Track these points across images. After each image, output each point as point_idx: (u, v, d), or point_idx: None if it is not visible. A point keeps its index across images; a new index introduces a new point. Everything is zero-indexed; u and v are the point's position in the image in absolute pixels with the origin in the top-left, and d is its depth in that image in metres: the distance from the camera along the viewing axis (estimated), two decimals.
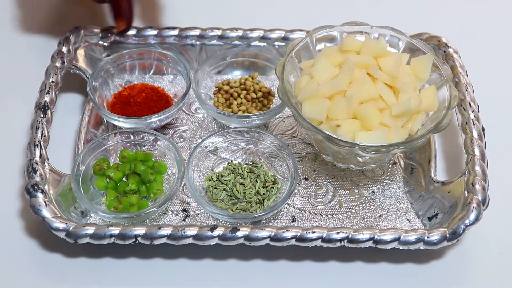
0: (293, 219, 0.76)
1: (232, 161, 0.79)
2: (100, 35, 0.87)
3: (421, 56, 0.76)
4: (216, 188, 0.76)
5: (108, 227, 0.70)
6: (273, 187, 0.76)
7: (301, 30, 0.87)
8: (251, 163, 0.78)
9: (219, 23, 0.89)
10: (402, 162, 0.81)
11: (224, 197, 0.75)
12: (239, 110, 0.81)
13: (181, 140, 0.82)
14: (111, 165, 0.77)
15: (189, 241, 0.70)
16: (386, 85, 0.73)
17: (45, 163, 0.75)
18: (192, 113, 0.85)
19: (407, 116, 0.73)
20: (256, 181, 0.76)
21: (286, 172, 0.77)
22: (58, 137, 0.81)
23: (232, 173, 0.77)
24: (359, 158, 0.74)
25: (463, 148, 0.77)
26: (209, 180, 0.77)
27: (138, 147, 0.79)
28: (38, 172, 0.73)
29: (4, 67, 0.90)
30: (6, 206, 0.77)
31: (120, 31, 0.86)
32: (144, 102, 0.82)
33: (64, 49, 0.84)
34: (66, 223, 0.70)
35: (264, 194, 0.75)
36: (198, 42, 0.87)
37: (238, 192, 0.75)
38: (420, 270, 0.73)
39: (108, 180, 0.76)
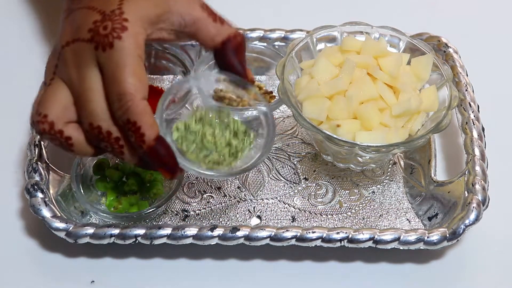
0: (293, 219, 0.76)
1: (197, 107, 0.72)
2: None
3: (422, 56, 0.76)
4: (185, 140, 0.69)
5: (108, 227, 0.70)
6: (244, 139, 0.70)
7: (301, 30, 0.87)
8: (218, 107, 0.72)
9: None
10: (402, 162, 0.81)
11: (195, 149, 0.69)
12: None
13: None
14: (111, 165, 0.77)
15: (189, 241, 0.70)
16: (386, 85, 0.73)
17: (45, 163, 0.75)
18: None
19: (407, 116, 0.73)
20: (227, 130, 0.70)
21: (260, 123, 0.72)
22: None
23: (200, 121, 0.70)
24: (359, 158, 0.74)
25: (463, 148, 0.77)
26: (177, 130, 0.70)
27: None
28: (38, 172, 0.73)
29: (4, 67, 0.90)
30: (6, 206, 0.77)
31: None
32: None
33: None
34: (66, 223, 0.70)
35: (236, 146, 0.70)
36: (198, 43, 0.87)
37: (208, 143, 0.69)
38: (420, 270, 0.73)
39: (108, 180, 0.76)
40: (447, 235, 0.70)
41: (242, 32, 0.69)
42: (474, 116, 0.78)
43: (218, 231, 0.70)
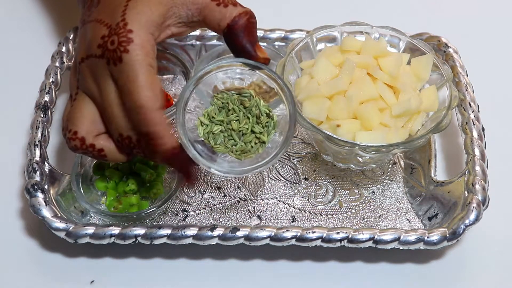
0: (293, 219, 0.76)
1: (217, 93, 0.72)
2: None
3: (422, 56, 0.76)
4: (213, 133, 0.71)
5: (108, 227, 0.70)
6: (268, 122, 0.71)
7: (301, 30, 0.87)
8: (238, 93, 0.71)
9: None
10: (402, 162, 0.81)
11: (223, 139, 0.71)
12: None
13: None
14: (111, 165, 0.77)
15: (189, 241, 0.70)
16: (386, 85, 0.73)
17: (45, 163, 0.75)
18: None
19: (407, 116, 0.73)
20: (249, 117, 0.70)
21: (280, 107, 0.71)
22: (58, 137, 0.81)
23: (223, 109, 0.71)
24: (359, 158, 0.74)
25: (463, 148, 0.77)
26: (201, 124, 0.71)
27: None
28: (38, 172, 0.73)
29: (4, 67, 0.90)
30: (6, 206, 0.77)
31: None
32: None
33: (64, 49, 0.84)
34: (66, 223, 0.70)
35: (260, 132, 0.70)
36: (198, 42, 0.87)
37: (234, 131, 0.70)
38: (420, 270, 0.73)
39: (108, 180, 0.76)
40: (447, 235, 0.70)
41: (249, 10, 0.67)
42: (474, 116, 0.78)
43: (218, 231, 0.70)
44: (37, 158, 0.74)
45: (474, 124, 0.78)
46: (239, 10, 0.67)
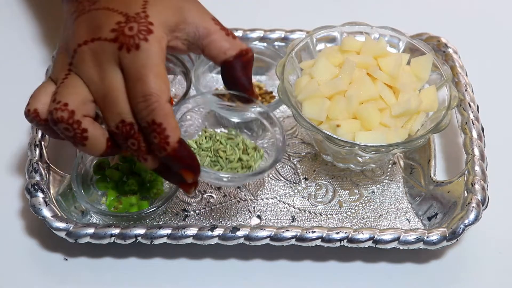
0: (293, 219, 0.76)
1: (206, 127, 0.74)
2: None
3: (421, 56, 0.76)
4: (199, 155, 0.71)
5: (108, 227, 0.70)
6: (254, 154, 0.72)
7: (301, 30, 0.87)
8: (226, 131, 0.73)
9: None
10: (402, 162, 0.81)
11: (209, 163, 0.71)
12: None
13: None
14: (111, 165, 0.77)
15: (189, 241, 0.70)
16: (386, 85, 0.73)
17: (46, 163, 0.75)
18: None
19: (407, 116, 0.73)
20: (235, 149, 0.71)
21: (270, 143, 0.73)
22: None
23: (210, 140, 0.72)
24: (359, 158, 0.75)
25: (462, 148, 0.77)
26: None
27: None
28: (38, 172, 0.73)
29: (5, 67, 0.90)
30: (6, 206, 0.77)
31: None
32: None
33: None
34: (67, 223, 0.70)
35: (247, 160, 0.71)
36: None
37: (221, 158, 0.71)
38: (419, 270, 0.73)
39: (108, 180, 0.76)
40: (447, 235, 0.70)
41: (250, 49, 0.69)
42: (474, 116, 0.78)
43: (218, 231, 0.70)
44: (38, 158, 0.74)
45: (473, 124, 0.78)
46: (245, 45, 0.69)
